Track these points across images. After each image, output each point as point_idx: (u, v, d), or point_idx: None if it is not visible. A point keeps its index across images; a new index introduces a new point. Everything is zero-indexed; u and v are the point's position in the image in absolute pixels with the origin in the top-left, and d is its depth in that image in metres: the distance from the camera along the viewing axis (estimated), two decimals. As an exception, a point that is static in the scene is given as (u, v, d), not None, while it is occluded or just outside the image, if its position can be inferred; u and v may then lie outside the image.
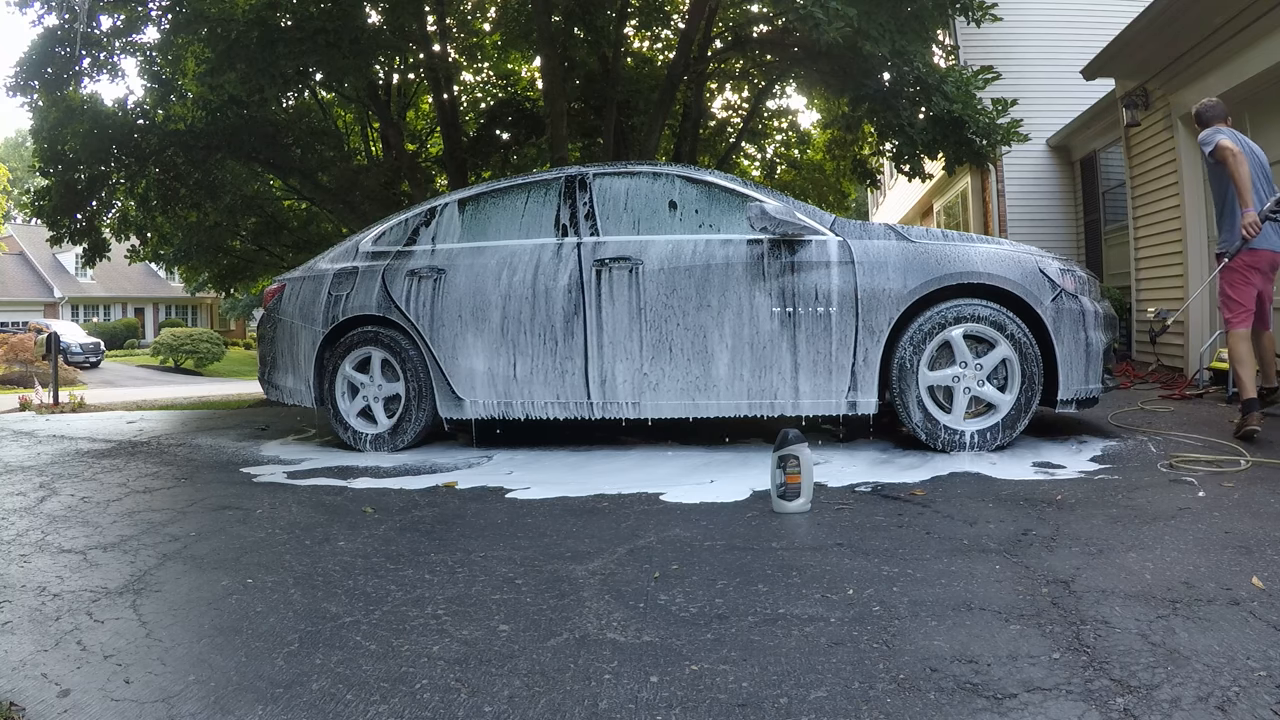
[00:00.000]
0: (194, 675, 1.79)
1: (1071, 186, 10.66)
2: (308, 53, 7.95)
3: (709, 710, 1.57)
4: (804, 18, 6.41)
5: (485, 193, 4.59)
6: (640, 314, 4.07)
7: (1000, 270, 3.78)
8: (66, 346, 24.55)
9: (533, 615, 2.07)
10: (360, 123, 13.71)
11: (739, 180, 4.35)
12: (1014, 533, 2.56)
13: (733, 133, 13.52)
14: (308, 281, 4.73)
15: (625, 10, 11.03)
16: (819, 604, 2.06)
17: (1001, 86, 8.54)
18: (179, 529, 3.02)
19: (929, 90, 7.99)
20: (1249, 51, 5.64)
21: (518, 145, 12.43)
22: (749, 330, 3.96)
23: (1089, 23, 9.49)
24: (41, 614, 2.18)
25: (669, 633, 1.93)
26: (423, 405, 4.41)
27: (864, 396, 3.87)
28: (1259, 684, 1.54)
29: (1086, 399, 3.81)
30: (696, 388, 4.03)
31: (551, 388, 4.20)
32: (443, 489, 3.59)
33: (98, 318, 37.59)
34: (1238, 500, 2.80)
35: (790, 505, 2.93)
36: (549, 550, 2.62)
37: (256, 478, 3.98)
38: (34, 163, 11.24)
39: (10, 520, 3.20)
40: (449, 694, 1.68)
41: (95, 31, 9.69)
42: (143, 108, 11.10)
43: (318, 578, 2.42)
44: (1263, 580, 2.03)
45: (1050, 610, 1.94)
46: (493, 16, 12.43)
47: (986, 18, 8.06)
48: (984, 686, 1.59)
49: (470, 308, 4.30)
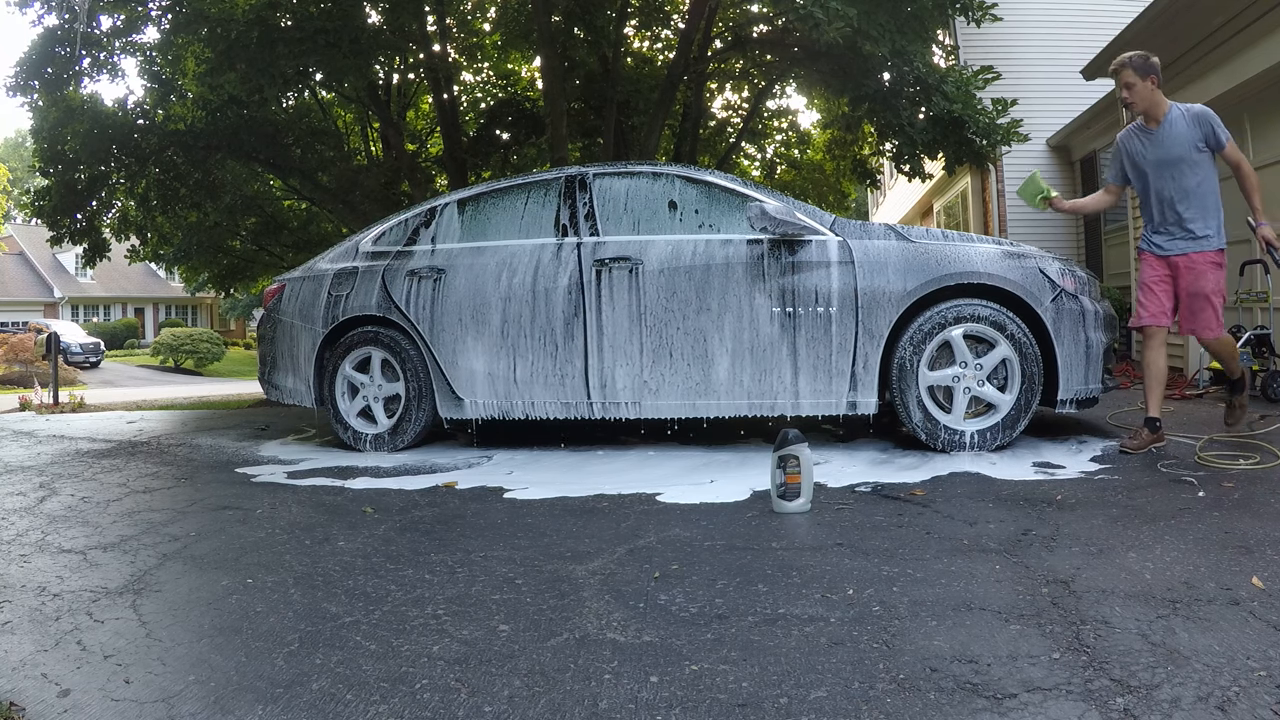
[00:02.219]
0: (194, 675, 1.79)
1: (1071, 187, 10.66)
2: (308, 53, 7.96)
3: (709, 710, 1.57)
4: (804, 18, 6.41)
5: (485, 193, 4.59)
6: (640, 314, 4.07)
7: (1000, 270, 3.78)
8: (66, 346, 24.55)
9: (533, 615, 2.07)
10: (360, 123, 13.71)
11: (739, 180, 4.35)
12: (1014, 533, 2.56)
13: (733, 133, 13.52)
14: (308, 282, 4.73)
15: (625, 10, 11.03)
16: (819, 604, 2.06)
17: (1001, 86, 8.54)
18: (179, 529, 3.02)
19: (929, 90, 7.99)
20: (1249, 51, 5.64)
21: (518, 145, 12.44)
22: (749, 331, 3.96)
23: (1089, 23, 9.50)
24: (41, 614, 2.18)
25: (669, 633, 1.93)
26: (422, 405, 4.41)
27: (864, 396, 3.87)
28: (1259, 684, 1.54)
29: (1086, 399, 3.81)
30: (697, 390, 4.03)
31: (551, 387, 4.20)
32: (443, 489, 3.59)
33: (98, 318, 37.58)
34: (1238, 500, 2.80)
35: (790, 505, 2.93)
36: (549, 550, 2.62)
37: (256, 478, 3.98)
38: (34, 163, 11.25)
39: (10, 520, 3.20)
40: (449, 694, 1.68)
41: (95, 31, 9.70)
42: (143, 108, 11.11)
43: (318, 578, 2.42)
44: (1263, 580, 2.03)
45: (1050, 610, 1.93)
46: (493, 16, 12.43)
47: (986, 18, 8.06)
48: (984, 686, 1.59)
49: (470, 308, 4.30)
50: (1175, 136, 3.55)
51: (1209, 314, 3.60)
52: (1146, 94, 3.56)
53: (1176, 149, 3.56)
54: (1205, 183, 3.56)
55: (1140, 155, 3.68)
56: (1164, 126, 3.58)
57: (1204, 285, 3.58)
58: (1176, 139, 3.55)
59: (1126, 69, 3.58)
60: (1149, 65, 3.55)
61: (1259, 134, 5.97)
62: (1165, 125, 3.57)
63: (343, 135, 13.48)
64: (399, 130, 12.27)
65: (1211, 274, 3.60)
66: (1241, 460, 3.37)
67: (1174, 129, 3.55)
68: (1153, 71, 3.55)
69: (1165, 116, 3.58)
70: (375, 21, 9.68)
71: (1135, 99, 3.58)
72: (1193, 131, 3.51)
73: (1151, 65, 3.55)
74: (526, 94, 12.91)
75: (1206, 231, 3.58)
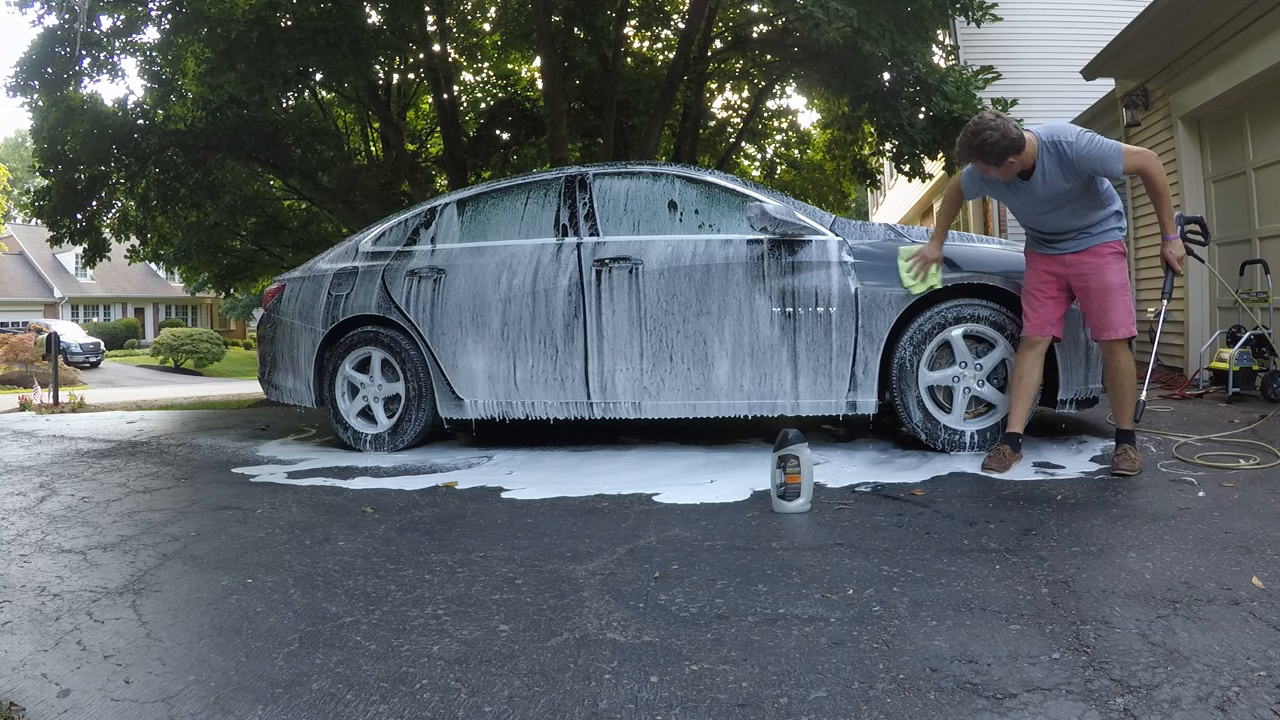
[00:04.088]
0: (194, 675, 1.79)
1: (1071, 186, 10.65)
2: (308, 53, 7.96)
3: (709, 710, 1.57)
4: (804, 18, 6.41)
5: (485, 193, 4.59)
6: (640, 314, 4.07)
7: (1000, 270, 3.78)
8: (66, 346, 24.54)
9: (533, 615, 2.07)
10: (360, 123, 13.72)
11: (739, 180, 4.35)
12: (1014, 533, 2.56)
13: (733, 133, 13.53)
14: (307, 282, 4.73)
15: (625, 10, 11.03)
16: (819, 604, 2.06)
17: (1001, 86, 8.54)
18: (179, 529, 3.02)
19: (929, 90, 7.99)
20: (1249, 51, 5.64)
21: (518, 145, 12.44)
22: (749, 332, 3.96)
23: (1089, 23, 9.50)
24: (41, 614, 2.18)
25: (669, 633, 1.93)
26: (423, 405, 4.41)
27: (864, 396, 3.87)
28: (1259, 684, 1.54)
29: (1086, 399, 3.81)
30: (697, 392, 4.03)
31: (551, 387, 4.20)
32: (442, 489, 3.59)
33: (98, 318, 37.58)
34: (1238, 500, 2.80)
35: (790, 505, 2.93)
36: (549, 550, 2.62)
37: (256, 478, 3.98)
38: (34, 163, 11.25)
39: (10, 520, 3.20)
40: (449, 694, 1.68)
41: (95, 31, 9.70)
42: (143, 108, 11.11)
43: (318, 578, 2.42)
44: (1263, 580, 2.03)
45: (1050, 610, 1.94)
46: (493, 16, 12.44)
47: (986, 18, 8.07)
48: (984, 686, 1.59)
49: (470, 308, 4.30)
50: (1050, 186, 3.14)
51: (1120, 310, 3.25)
52: (1013, 167, 3.11)
53: (1054, 194, 3.17)
54: (1090, 194, 3.20)
55: (1010, 200, 3.37)
56: (1036, 177, 3.14)
57: (1109, 278, 3.25)
58: (1052, 187, 3.15)
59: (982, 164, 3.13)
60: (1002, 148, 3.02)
61: (1259, 134, 5.96)
62: (1037, 176, 3.14)
63: (343, 135, 13.49)
64: (399, 130, 12.27)
65: (1115, 263, 3.26)
66: (1241, 460, 3.37)
67: (1048, 180, 3.13)
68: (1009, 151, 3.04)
69: (1035, 164, 3.12)
70: (375, 21, 9.69)
71: (1005, 175, 3.16)
72: (1070, 175, 3.09)
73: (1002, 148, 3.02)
74: (526, 94, 12.91)
75: (1104, 227, 3.27)
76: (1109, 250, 3.29)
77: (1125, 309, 3.27)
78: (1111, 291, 3.26)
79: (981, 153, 3.06)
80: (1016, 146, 3.03)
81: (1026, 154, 3.08)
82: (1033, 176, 3.16)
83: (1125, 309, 3.27)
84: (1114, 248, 3.29)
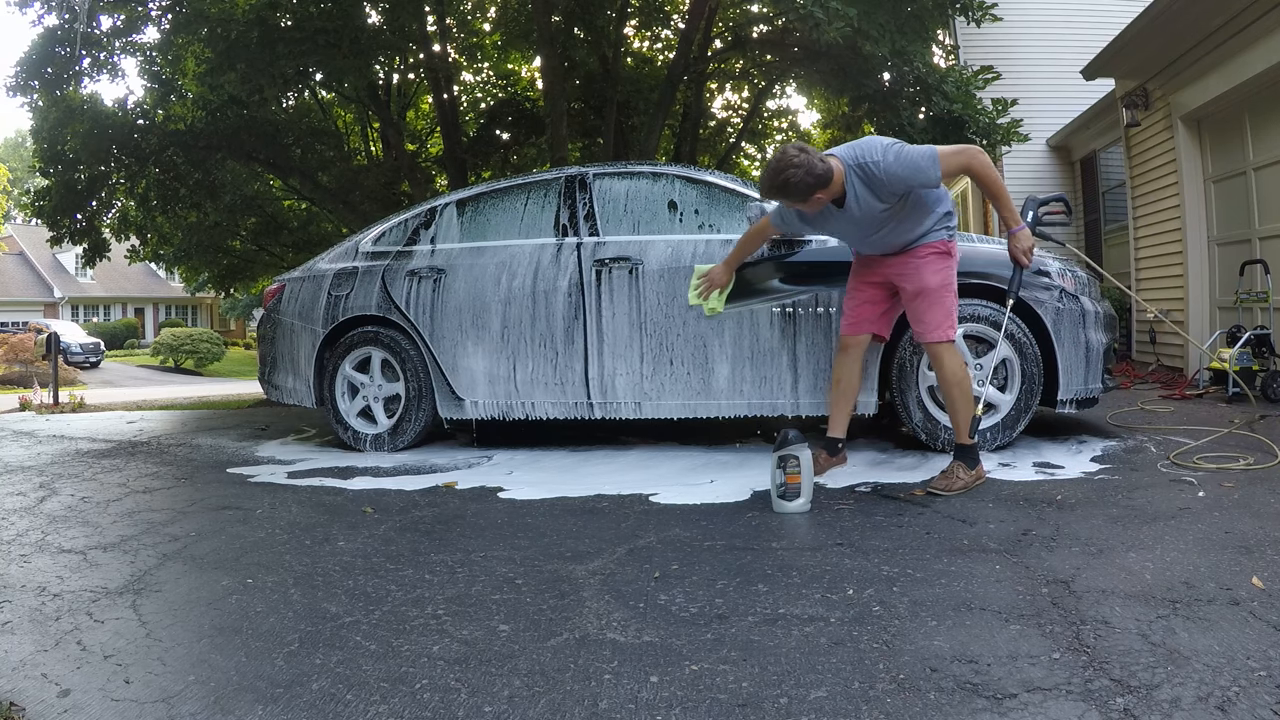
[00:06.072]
0: (194, 675, 1.79)
1: (1072, 187, 10.66)
2: (308, 53, 7.96)
3: (709, 710, 1.57)
4: (804, 18, 6.41)
5: (485, 193, 4.59)
6: (640, 314, 4.07)
7: (1000, 270, 3.78)
8: (66, 346, 24.54)
9: (533, 615, 2.07)
10: (360, 123, 13.71)
11: (739, 180, 4.35)
12: (1014, 533, 2.56)
13: (733, 133, 13.53)
14: (307, 282, 4.73)
15: (625, 10, 11.03)
16: (819, 604, 2.06)
17: (1001, 86, 8.54)
18: (179, 529, 3.02)
19: (929, 90, 7.99)
20: (1249, 51, 5.64)
21: (518, 145, 12.44)
22: (749, 332, 3.96)
23: (1089, 23, 9.49)
24: (41, 614, 2.18)
25: (669, 633, 1.93)
26: (423, 405, 4.41)
27: (864, 397, 3.87)
28: (1259, 684, 1.54)
29: (1086, 399, 3.81)
30: (697, 393, 4.03)
31: (551, 387, 4.20)
32: (442, 489, 3.59)
33: (98, 318, 37.58)
34: (1238, 500, 2.80)
35: (790, 505, 2.93)
36: (549, 550, 2.62)
37: (256, 478, 3.98)
38: (34, 163, 11.26)
39: (10, 520, 3.20)
40: (449, 694, 1.68)
41: (95, 31, 9.69)
42: (143, 108, 11.11)
43: (318, 578, 2.42)
44: (1263, 580, 2.03)
45: (1050, 610, 1.94)
46: (493, 16, 12.43)
47: (986, 18, 8.06)
48: (984, 686, 1.59)
49: (470, 308, 4.30)
50: (865, 209, 3.01)
51: (938, 311, 3.11)
52: (821, 201, 2.98)
53: (870, 216, 3.04)
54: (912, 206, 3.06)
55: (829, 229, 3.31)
56: (849, 204, 3.01)
57: (928, 279, 3.11)
58: (866, 211, 3.02)
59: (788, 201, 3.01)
60: (807, 185, 2.87)
61: (1259, 134, 5.97)
62: (850, 202, 3.00)
63: (343, 135, 13.49)
64: (399, 130, 12.27)
65: (935, 263, 3.12)
66: (1241, 460, 3.37)
67: (862, 205, 3.00)
68: (814, 188, 2.89)
69: (845, 191, 2.98)
70: (375, 21, 9.68)
71: (815, 208, 3.04)
72: (885, 194, 2.96)
73: (807, 185, 2.87)
74: (526, 94, 12.91)
75: (922, 229, 3.13)
76: (930, 250, 3.14)
77: (944, 310, 3.13)
78: (929, 293, 3.12)
79: (785, 191, 2.91)
80: (823, 181, 2.88)
81: (834, 185, 2.93)
82: (845, 204, 3.01)
83: (944, 310, 3.13)
84: (935, 248, 3.15)
